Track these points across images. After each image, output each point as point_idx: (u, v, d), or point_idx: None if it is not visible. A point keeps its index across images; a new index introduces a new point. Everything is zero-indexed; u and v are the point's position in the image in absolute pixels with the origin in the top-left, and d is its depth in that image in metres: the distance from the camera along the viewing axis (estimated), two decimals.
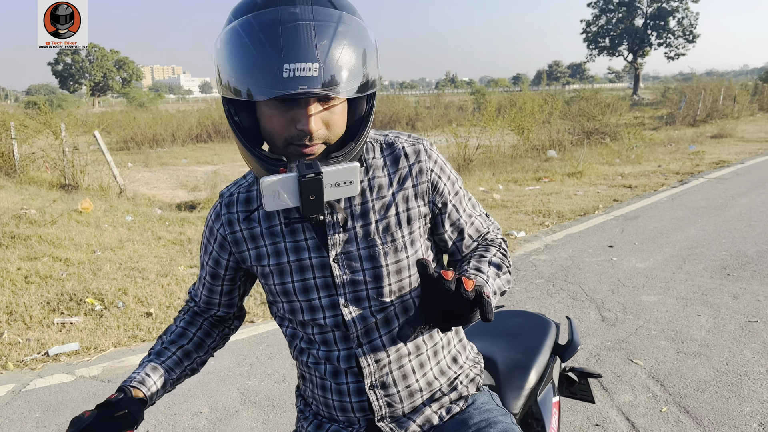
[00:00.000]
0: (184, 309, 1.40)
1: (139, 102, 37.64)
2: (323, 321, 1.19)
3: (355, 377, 1.21)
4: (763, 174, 10.30)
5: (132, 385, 1.19)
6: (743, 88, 28.29)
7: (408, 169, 1.18)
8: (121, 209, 8.41)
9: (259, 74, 0.95)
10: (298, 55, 0.93)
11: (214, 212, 1.26)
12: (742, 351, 3.62)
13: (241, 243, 1.22)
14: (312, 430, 1.30)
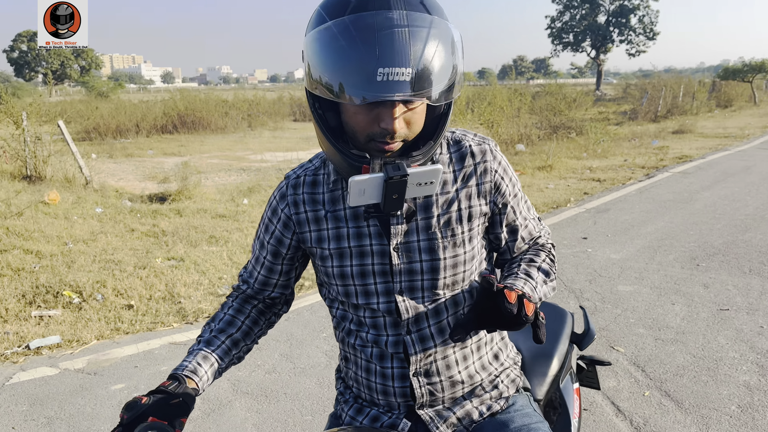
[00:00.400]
0: (233, 295, 1.39)
1: (99, 91, 36.62)
2: (376, 306, 1.22)
3: (401, 363, 1.24)
4: (724, 169, 10.66)
5: (185, 375, 1.18)
6: (701, 86, 29.10)
7: (473, 168, 1.21)
8: (89, 201, 8.22)
9: (354, 76, 0.97)
10: (393, 59, 0.95)
11: (279, 193, 1.28)
12: (716, 337, 3.77)
13: (304, 224, 1.25)
14: (353, 414, 1.32)
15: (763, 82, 37.84)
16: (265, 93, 32.91)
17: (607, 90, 47.94)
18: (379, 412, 1.29)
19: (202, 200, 8.42)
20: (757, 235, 6.11)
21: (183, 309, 4.33)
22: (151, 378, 3.35)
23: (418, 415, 1.27)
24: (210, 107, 21.01)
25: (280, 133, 20.71)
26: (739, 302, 4.33)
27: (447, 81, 1.02)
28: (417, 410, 1.26)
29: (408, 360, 1.23)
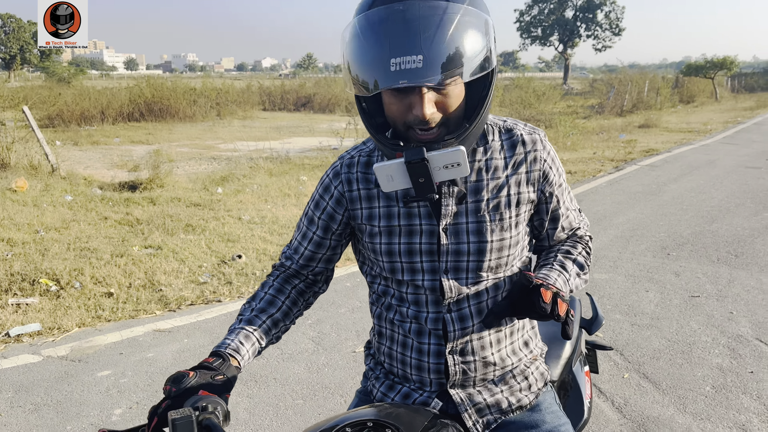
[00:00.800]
0: (274, 274, 1.39)
1: (60, 77, 35.58)
2: (421, 283, 1.25)
3: (438, 339, 1.28)
4: (690, 162, 10.98)
5: (228, 353, 1.20)
6: (665, 81, 29.80)
7: (524, 156, 1.25)
8: (58, 188, 8.05)
9: (373, 69, 1.04)
10: (404, 49, 1.00)
11: (333, 171, 1.31)
12: (689, 323, 3.92)
13: (356, 201, 1.28)
14: (384, 390, 1.35)
15: (725, 79, 38.91)
16: (233, 81, 32.45)
17: (574, 84, 48.69)
18: (410, 389, 1.32)
19: (175, 189, 8.31)
20: (723, 226, 6.33)
21: (165, 297, 4.29)
22: (137, 364, 3.33)
23: (449, 395, 1.30)
24: (178, 95, 20.63)
25: (250, 122, 20.50)
26: (709, 289, 4.50)
27: (463, 62, 1.04)
28: (449, 389, 1.30)
29: (446, 337, 1.27)
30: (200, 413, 1.03)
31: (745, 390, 3.08)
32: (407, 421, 1.10)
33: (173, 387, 1.07)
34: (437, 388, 1.31)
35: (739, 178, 9.23)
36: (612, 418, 2.84)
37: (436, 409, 1.29)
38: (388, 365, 1.37)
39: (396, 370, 1.35)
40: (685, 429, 2.74)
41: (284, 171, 9.80)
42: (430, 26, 1.01)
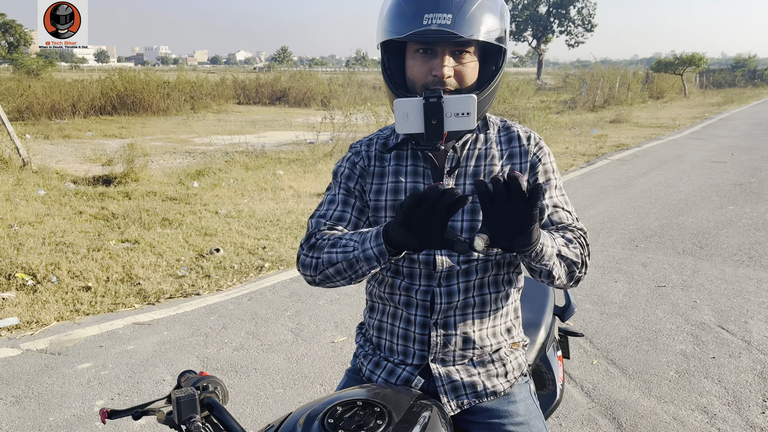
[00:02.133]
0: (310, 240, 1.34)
1: (29, 69, 34.77)
2: (416, 256, 1.34)
3: (424, 311, 1.37)
4: (659, 156, 11.25)
5: None
6: (635, 77, 30.31)
7: (518, 149, 1.39)
8: (30, 183, 7.95)
9: (408, 21, 1.22)
10: (436, 7, 1.20)
11: (354, 150, 1.45)
12: (655, 311, 4.07)
13: (367, 177, 1.41)
14: (371, 368, 1.45)
15: (693, 75, 39.71)
16: (207, 75, 32.11)
17: (547, 79, 49.21)
18: (394, 365, 1.42)
19: (150, 183, 8.27)
20: (689, 218, 6.55)
21: (143, 290, 4.32)
22: (117, 357, 3.36)
23: (430, 371, 1.39)
24: (151, 88, 20.36)
25: (225, 116, 20.36)
26: (675, 279, 4.67)
27: (487, 28, 1.23)
28: (430, 363, 1.39)
29: (432, 309, 1.37)
30: (202, 392, 1.12)
31: (707, 374, 3.23)
32: (394, 400, 1.17)
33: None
34: (419, 362, 1.39)
35: (705, 172, 9.50)
36: (581, 402, 2.96)
37: (418, 386, 1.38)
38: (377, 338, 1.46)
39: (384, 342, 1.44)
40: (650, 411, 2.88)
41: (260, 165, 9.80)
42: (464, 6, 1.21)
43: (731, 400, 2.99)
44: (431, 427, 1.14)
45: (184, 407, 1.07)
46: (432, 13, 1.19)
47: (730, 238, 5.80)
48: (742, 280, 4.65)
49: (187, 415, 1.07)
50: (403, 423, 1.10)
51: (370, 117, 12.62)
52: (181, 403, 1.07)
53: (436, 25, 1.19)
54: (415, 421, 1.12)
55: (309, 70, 35.78)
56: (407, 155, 1.39)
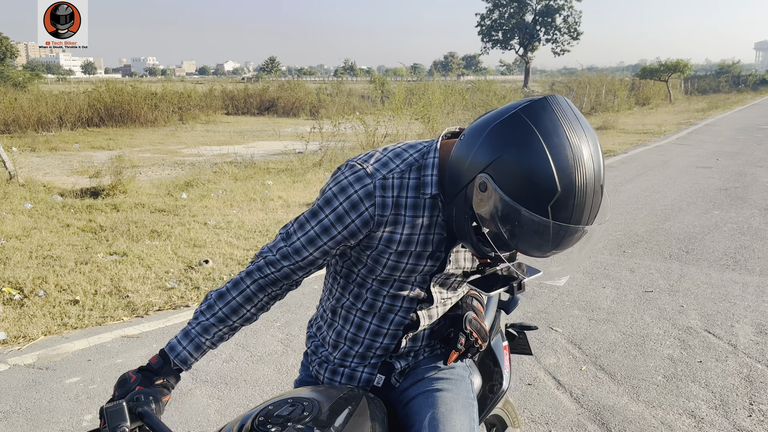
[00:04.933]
0: (252, 278, 1.35)
1: (15, 81, 34.57)
2: (409, 288, 1.39)
3: (397, 327, 1.41)
4: (645, 162, 11.36)
5: (174, 361, 1.33)
6: (622, 84, 30.63)
7: None
8: (16, 196, 7.89)
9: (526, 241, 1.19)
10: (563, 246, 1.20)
11: (364, 191, 1.25)
12: (642, 316, 4.11)
13: (382, 225, 1.28)
14: (329, 376, 1.46)
15: (679, 82, 40.17)
16: (195, 85, 32.06)
17: (534, 87, 49.57)
18: (352, 371, 1.44)
19: (138, 195, 8.24)
20: (675, 223, 6.61)
21: (132, 303, 4.30)
22: (106, 370, 3.34)
23: (387, 367, 1.45)
24: (139, 99, 20.30)
25: (213, 126, 20.33)
26: (662, 284, 4.72)
27: None
28: (387, 359, 1.45)
29: (414, 327, 1.42)
30: (134, 404, 1.16)
31: (694, 378, 3.26)
32: (325, 394, 1.23)
33: (117, 390, 1.24)
34: (377, 361, 1.44)
35: (691, 177, 9.60)
36: (570, 408, 2.98)
37: (380, 383, 1.43)
38: (334, 341, 1.46)
39: (341, 346, 1.45)
40: (638, 416, 2.90)
41: (249, 175, 9.79)
42: (591, 238, 1.20)
43: (718, 403, 3.02)
44: (359, 413, 1.19)
45: (112, 417, 1.12)
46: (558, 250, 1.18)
47: (716, 242, 5.86)
48: (728, 284, 4.70)
49: (115, 423, 1.11)
50: (331, 411, 1.15)
51: (359, 126, 12.65)
52: (109, 414, 1.13)
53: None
54: (342, 409, 1.18)
55: (297, 79, 35.83)
56: (424, 205, 1.29)
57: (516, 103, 1.15)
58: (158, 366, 1.30)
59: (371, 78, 41.79)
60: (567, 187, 1.08)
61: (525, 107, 1.12)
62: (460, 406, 1.40)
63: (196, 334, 1.34)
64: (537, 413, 2.94)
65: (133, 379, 1.26)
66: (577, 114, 1.14)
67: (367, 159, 1.30)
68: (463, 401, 1.42)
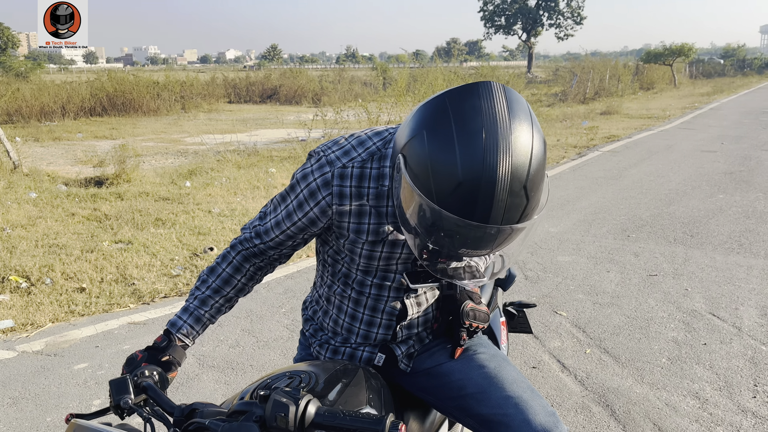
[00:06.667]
0: (236, 249, 1.41)
1: (17, 72, 34.54)
2: (392, 278, 1.37)
3: (390, 317, 1.41)
4: (649, 147, 11.31)
5: (178, 336, 1.37)
6: (626, 69, 30.40)
7: None
8: (21, 186, 7.91)
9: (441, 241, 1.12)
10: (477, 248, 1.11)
11: (322, 179, 1.25)
12: (647, 300, 4.11)
13: (345, 215, 1.27)
14: (330, 356, 1.47)
15: (683, 66, 39.88)
16: (197, 74, 31.98)
17: (537, 72, 49.28)
18: (353, 349, 1.45)
19: (142, 183, 8.25)
20: (679, 208, 6.60)
21: (138, 290, 4.32)
22: (114, 356, 3.37)
23: (389, 348, 1.45)
24: (141, 89, 20.27)
25: (216, 115, 20.30)
26: (666, 268, 4.72)
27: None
28: (390, 344, 1.45)
29: (403, 317, 1.41)
30: (138, 378, 1.20)
31: (698, 361, 3.27)
32: (321, 368, 1.25)
33: (125, 368, 1.27)
34: (379, 344, 1.45)
35: (696, 161, 9.56)
36: (575, 390, 3.00)
37: (380, 362, 1.44)
38: (332, 328, 1.47)
39: (340, 333, 1.46)
40: (643, 398, 2.92)
41: (252, 163, 9.79)
42: (509, 241, 1.08)
43: (722, 385, 3.03)
44: (354, 383, 1.21)
45: (116, 390, 1.15)
46: (471, 250, 1.08)
47: (721, 226, 5.85)
48: (732, 268, 4.69)
49: (119, 395, 1.14)
50: (327, 383, 1.17)
51: (362, 113, 12.62)
52: (113, 387, 1.15)
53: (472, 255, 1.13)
54: (338, 380, 1.20)
55: (299, 67, 35.65)
56: (388, 195, 1.26)
57: (454, 87, 1.09)
58: (163, 343, 1.34)
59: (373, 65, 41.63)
60: (471, 179, 0.98)
61: (452, 90, 1.06)
62: (502, 359, 1.43)
63: (195, 307, 1.39)
64: (541, 395, 2.95)
65: (139, 357, 1.30)
66: (511, 106, 1.02)
67: (331, 146, 1.29)
68: (502, 356, 1.45)
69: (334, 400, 1.13)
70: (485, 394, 1.33)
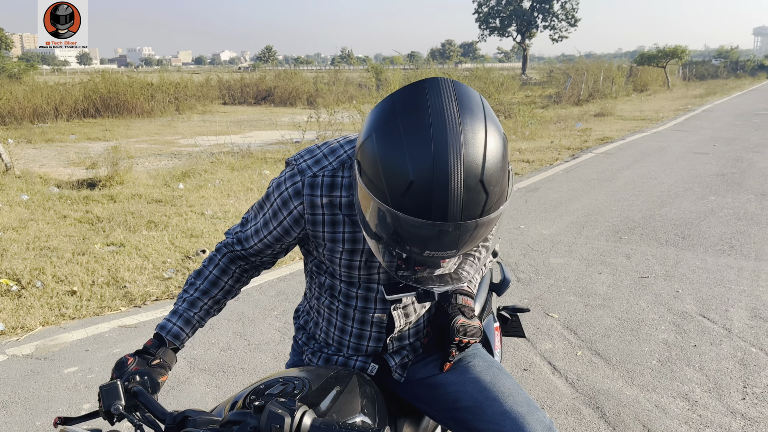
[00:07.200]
0: (222, 252, 1.43)
1: (10, 73, 34.37)
2: (376, 287, 1.36)
3: (379, 329, 1.40)
4: (642, 149, 11.35)
5: (168, 338, 1.35)
6: (619, 71, 30.50)
7: None
8: (13, 188, 7.87)
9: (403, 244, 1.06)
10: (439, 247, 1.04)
11: (293, 189, 1.25)
12: (638, 302, 4.13)
13: (319, 225, 1.27)
14: (322, 363, 1.47)
15: (677, 68, 40.05)
16: (192, 75, 31.90)
17: (532, 74, 49.40)
18: (346, 358, 1.45)
19: (135, 185, 8.23)
20: (672, 209, 6.62)
21: (129, 293, 4.31)
22: (104, 360, 3.36)
23: (382, 358, 1.45)
24: (135, 90, 20.21)
25: (210, 116, 20.26)
26: (658, 270, 4.73)
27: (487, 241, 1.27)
28: (383, 356, 1.45)
29: (390, 329, 1.41)
30: (129, 383, 1.18)
31: (688, 362, 3.29)
32: (315, 374, 1.24)
33: (115, 372, 1.24)
34: (372, 353, 1.45)
35: (688, 163, 9.61)
36: (565, 392, 3.00)
37: (373, 372, 1.43)
38: (323, 339, 1.48)
39: (332, 344, 1.47)
40: (633, 400, 2.93)
41: (246, 165, 9.78)
42: (477, 237, 1.03)
43: (712, 386, 3.04)
44: (348, 391, 1.21)
45: (107, 396, 1.14)
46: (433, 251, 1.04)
47: (712, 228, 5.88)
48: (723, 269, 4.72)
49: (109, 401, 1.13)
50: (320, 390, 1.17)
51: (356, 115, 12.63)
52: (104, 392, 1.14)
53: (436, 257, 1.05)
54: (331, 387, 1.19)
55: (294, 69, 35.56)
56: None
57: (403, 86, 1.06)
58: (153, 347, 1.33)
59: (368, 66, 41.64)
60: (422, 178, 0.95)
61: (400, 89, 1.03)
62: (497, 370, 1.43)
63: (184, 309, 1.39)
64: (532, 398, 2.96)
65: (129, 361, 1.27)
66: (461, 100, 1.00)
67: (304, 154, 1.28)
68: (498, 366, 1.45)
69: (327, 408, 1.13)
70: (481, 408, 1.33)
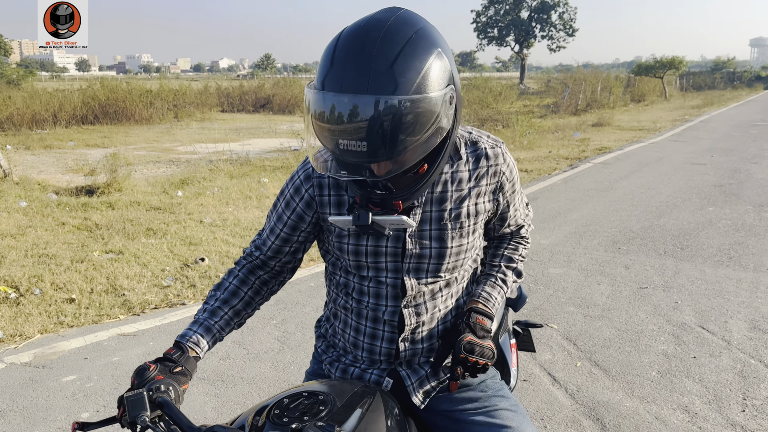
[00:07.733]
0: (241, 263, 1.47)
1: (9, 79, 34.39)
2: (384, 279, 1.36)
3: (392, 329, 1.40)
4: (640, 159, 11.39)
5: (189, 346, 1.33)
6: (617, 81, 30.65)
7: (486, 169, 1.36)
8: (11, 194, 7.86)
9: (324, 139, 1.14)
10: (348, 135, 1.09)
11: (305, 174, 1.37)
12: (637, 313, 4.13)
13: (326, 206, 1.35)
14: (339, 375, 1.47)
15: (674, 78, 40.25)
16: (190, 83, 31.96)
17: (530, 83, 49.59)
18: (362, 370, 1.45)
19: (134, 193, 8.23)
20: (670, 220, 6.64)
21: (128, 301, 4.30)
22: (102, 369, 3.35)
23: (397, 373, 1.43)
24: (134, 97, 20.24)
25: (209, 124, 20.28)
26: (656, 281, 4.74)
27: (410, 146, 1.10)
28: (397, 368, 1.43)
29: (401, 329, 1.40)
30: (154, 393, 1.15)
31: (688, 374, 3.28)
32: (339, 389, 1.23)
33: (136, 379, 1.20)
34: (387, 366, 1.44)
35: (686, 174, 9.64)
36: (565, 404, 3.00)
37: (388, 387, 1.42)
38: (342, 346, 1.49)
39: (349, 349, 1.47)
40: (633, 412, 2.92)
41: (245, 173, 9.78)
42: (382, 133, 1.03)
43: (712, 398, 3.04)
44: (373, 409, 1.20)
45: (132, 406, 1.11)
46: (345, 140, 1.06)
47: (711, 239, 5.89)
48: (722, 281, 4.73)
49: (135, 412, 1.10)
50: (346, 407, 1.15)
51: None
52: (129, 402, 1.11)
53: (352, 152, 1.07)
54: (356, 405, 1.18)
55: (293, 76, 35.73)
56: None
57: None
58: (175, 354, 1.30)
59: None
60: (328, 47, 1.10)
61: None
62: (522, 417, 1.42)
63: (205, 318, 1.39)
64: (532, 409, 2.96)
65: (151, 368, 1.23)
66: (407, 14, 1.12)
67: None
68: (522, 412, 1.44)
69: (353, 427, 1.12)
70: None
